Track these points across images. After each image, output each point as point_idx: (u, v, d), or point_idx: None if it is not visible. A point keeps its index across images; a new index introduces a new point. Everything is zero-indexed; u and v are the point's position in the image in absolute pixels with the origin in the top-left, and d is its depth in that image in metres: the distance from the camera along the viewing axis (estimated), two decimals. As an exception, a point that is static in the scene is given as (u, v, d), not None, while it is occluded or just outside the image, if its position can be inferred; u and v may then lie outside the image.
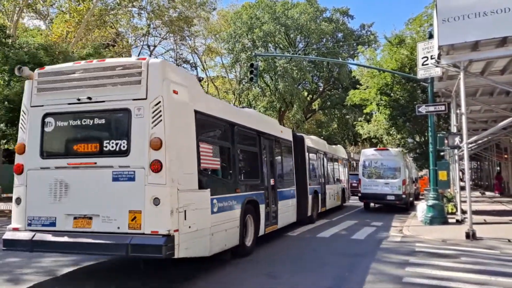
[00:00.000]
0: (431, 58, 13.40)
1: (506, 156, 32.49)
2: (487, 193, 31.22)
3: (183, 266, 7.29)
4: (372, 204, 20.19)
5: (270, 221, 10.16)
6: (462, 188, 15.61)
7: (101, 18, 29.73)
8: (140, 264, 7.32)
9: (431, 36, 13.97)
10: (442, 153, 17.63)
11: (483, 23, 9.77)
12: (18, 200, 6.59)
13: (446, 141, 13.31)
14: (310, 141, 15.58)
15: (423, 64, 14.05)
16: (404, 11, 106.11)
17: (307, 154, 14.45)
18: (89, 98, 6.39)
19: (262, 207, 9.52)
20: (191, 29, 36.25)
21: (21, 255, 8.10)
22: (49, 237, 6.24)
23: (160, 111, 6.05)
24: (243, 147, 9.27)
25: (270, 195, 10.30)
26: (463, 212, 13.32)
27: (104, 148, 6.30)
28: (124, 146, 6.17)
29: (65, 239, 6.15)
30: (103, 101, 6.36)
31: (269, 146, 10.82)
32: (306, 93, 46.11)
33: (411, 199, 21.03)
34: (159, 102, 6.07)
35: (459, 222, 13.30)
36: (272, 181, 10.57)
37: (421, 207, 14.29)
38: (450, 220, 13.62)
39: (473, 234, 10.42)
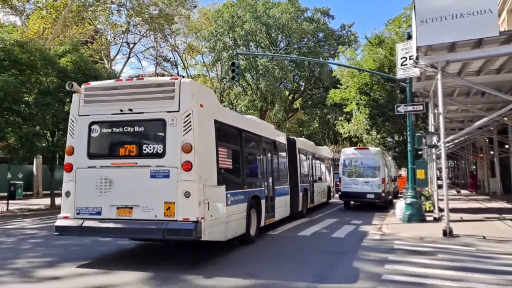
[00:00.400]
0: (410, 59, 13.59)
1: (481, 155, 33.27)
2: (463, 191, 31.93)
3: (199, 251, 8.86)
4: (352, 202, 20.39)
5: (269, 214, 11.58)
6: (440, 187, 15.92)
7: (79, 14, 29.19)
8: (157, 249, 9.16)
9: (409, 37, 14.15)
10: (420, 152, 17.95)
11: (460, 24, 9.93)
12: (68, 194, 7.94)
13: (424, 140, 13.56)
14: (301, 143, 16.96)
15: (402, 65, 14.24)
16: (384, 12, 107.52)
17: (298, 155, 15.83)
18: (130, 109, 7.83)
19: (263, 202, 10.92)
20: (171, 27, 35.91)
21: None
22: (96, 224, 7.57)
23: (190, 121, 7.45)
24: (249, 149, 10.82)
25: (269, 192, 11.76)
26: (440, 210, 13.57)
27: (143, 151, 7.71)
28: (160, 149, 7.55)
29: (110, 225, 7.50)
30: (142, 112, 7.76)
31: (268, 148, 12.35)
32: (287, 92, 46.27)
33: (390, 197, 21.34)
34: (189, 114, 7.47)
35: (436, 219, 13.55)
36: (270, 180, 12.06)
37: (400, 205, 14.50)
38: (427, 218, 13.87)
39: (450, 232, 10.63)
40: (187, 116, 7.46)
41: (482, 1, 9.80)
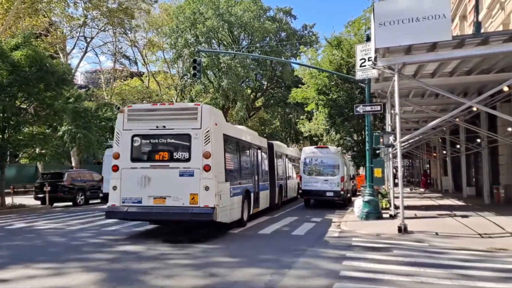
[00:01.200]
0: (369, 60, 13.91)
1: (435, 154, 34.71)
2: (416, 189, 33.15)
3: (202, 232, 11.55)
4: (312, 200, 20.69)
5: (255, 205, 14.36)
6: (396, 185, 16.44)
7: (32, 6, 27.92)
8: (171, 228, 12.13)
9: (368, 39, 14.47)
10: (378, 151, 18.42)
11: (416, 28, 10.26)
12: (115, 188, 10.51)
13: (381, 140, 13.95)
14: (277, 146, 19.66)
15: (361, 66, 14.56)
16: (345, 13, 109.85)
17: (275, 156, 18.68)
18: (164, 126, 10.54)
19: (252, 195, 13.80)
20: (131, 22, 35.02)
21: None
22: (138, 210, 10.30)
23: (209, 136, 10.23)
24: (242, 154, 13.58)
25: (256, 187, 14.59)
26: (396, 207, 14.00)
27: (174, 157, 10.46)
28: (187, 156, 10.30)
29: (148, 210, 10.29)
30: (173, 129, 10.52)
31: (254, 152, 15.19)
32: (249, 91, 46.29)
33: (349, 195, 21.84)
34: (208, 130, 10.26)
35: (392, 217, 13.98)
36: (256, 177, 14.82)
37: (358, 203, 14.85)
38: (384, 215, 14.28)
39: (404, 228, 11.00)
40: (207, 132, 10.25)
41: (436, 7, 10.17)
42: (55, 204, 20.87)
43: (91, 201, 22.54)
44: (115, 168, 10.60)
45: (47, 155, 21.04)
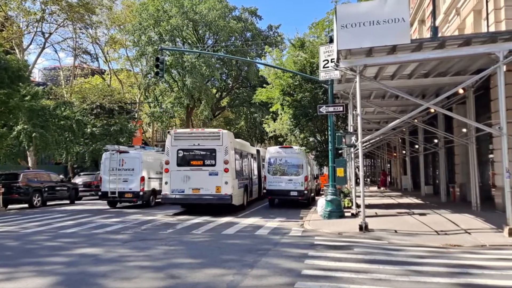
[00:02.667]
0: (331, 62, 14.13)
1: (395, 154, 35.75)
2: (378, 188, 33.99)
3: (217, 213, 16.17)
4: (276, 200, 20.79)
5: (250, 195, 20.16)
6: (358, 184, 16.77)
7: (-14, -2, 26.54)
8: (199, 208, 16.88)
9: (331, 41, 14.69)
10: (340, 151, 18.74)
11: (376, 31, 10.52)
12: (166, 183, 16.23)
13: (343, 140, 14.18)
14: (261, 151, 25.21)
15: (324, 67, 14.75)
16: (309, 15, 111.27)
17: (261, 159, 24.04)
18: (198, 144, 16.23)
19: (248, 188, 19.57)
20: (92, 17, 33.97)
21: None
22: (182, 196, 16.10)
23: (227, 150, 16.06)
24: (243, 160, 19.50)
25: (250, 183, 20.40)
26: (358, 206, 14.30)
27: (205, 163, 16.11)
28: (213, 163, 15.98)
29: (188, 198, 16.15)
30: (204, 146, 16.20)
31: (249, 158, 21.04)
32: (215, 90, 46.03)
33: (312, 194, 22.10)
34: (227, 146, 16.07)
35: (354, 215, 14.26)
36: (251, 175, 20.77)
37: (321, 202, 15.05)
38: (346, 214, 14.53)
39: (365, 227, 11.24)
40: (226, 147, 16.14)
41: (396, 10, 10.46)
42: (9, 206, 19.96)
43: (49, 203, 21.74)
44: (167, 170, 16.39)
45: (1, 155, 20.08)
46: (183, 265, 7.54)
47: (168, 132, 17.34)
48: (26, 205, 20.18)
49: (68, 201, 22.67)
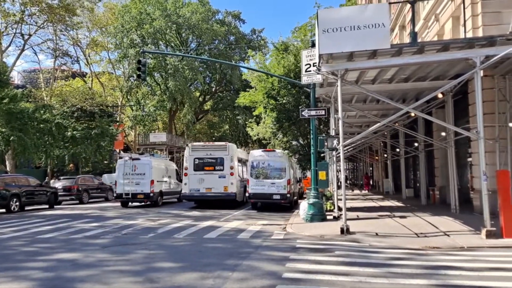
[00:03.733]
0: (313, 66, 14.26)
1: (377, 157, 36.12)
2: (361, 192, 34.32)
3: (224, 207, 20.49)
4: (259, 203, 20.78)
5: (245, 194, 22.53)
6: (339, 187, 16.88)
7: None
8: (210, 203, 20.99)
9: (313, 45, 14.81)
10: (323, 155, 18.86)
11: (357, 35, 10.64)
12: (185, 184, 21.19)
13: (325, 143, 14.29)
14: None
15: (306, 71, 14.88)
16: (292, 19, 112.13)
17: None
18: (210, 154, 21.33)
19: (245, 188, 21.41)
20: (73, 19, 33.50)
21: None
22: (198, 194, 21.07)
23: (232, 158, 21.26)
24: (243, 165, 22.99)
25: (247, 184, 21.42)
26: (340, 209, 14.37)
27: (215, 168, 21.05)
28: (222, 168, 20.96)
29: (203, 195, 21.03)
30: (215, 155, 21.26)
31: (247, 164, 21.86)
32: (198, 94, 45.91)
33: (295, 198, 22.18)
34: (232, 155, 21.32)
35: (336, 218, 14.35)
36: (246, 178, 22.16)
37: (303, 205, 15.08)
38: (328, 217, 14.62)
39: (347, 229, 11.31)
40: (231, 156, 21.00)
41: (376, 16, 10.61)
42: (-14, 211, 19.47)
43: (27, 207, 21.28)
44: (186, 174, 21.27)
45: (-23, 159, 19.57)
46: (163, 269, 7.46)
47: (187, 145, 23.39)
48: (3, 210, 19.72)
49: (47, 206, 22.24)
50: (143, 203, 22.94)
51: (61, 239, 11.18)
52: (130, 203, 22.87)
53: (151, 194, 22.04)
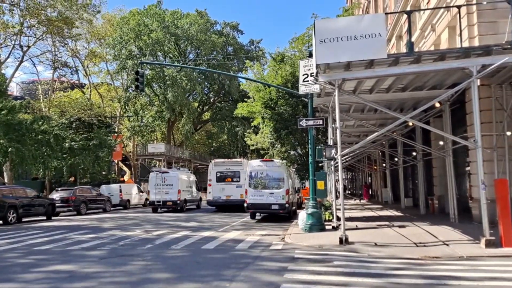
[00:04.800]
0: (311, 76, 14.29)
1: (375, 167, 36.09)
2: (360, 201, 34.22)
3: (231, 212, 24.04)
4: (257, 213, 20.70)
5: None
6: (338, 197, 16.83)
7: (-38, 11, 26.10)
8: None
9: (311, 55, 14.85)
10: (321, 164, 18.82)
11: (354, 46, 10.70)
12: (209, 192, 26.53)
13: (324, 153, 14.25)
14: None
15: (304, 81, 14.90)
16: (290, 29, 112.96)
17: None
18: (229, 168, 27.04)
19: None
20: (72, 31, 33.67)
21: None
22: (220, 201, 26.43)
23: (246, 172, 21.93)
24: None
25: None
26: (339, 219, 14.30)
27: (233, 180, 26.55)
28: (238, 180, 26.26)
29: (224, 201, 26.35)
30: (233, 169, 26.91)
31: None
32: (196, 104, 45.98)
33: (294, 208, 22.09)
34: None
35: (334, 228, 14.26)
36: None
37: (302, 215, 15.01)
38: (327, 227, 14.53)
39: (346, 239, 11.25)
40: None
41: (372, 26, 10.69)
42: (-17, 223, 19.33)
43: (24, 219, 21.15)
44: (210, 185, 26.08)
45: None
46: (160, 280, 7.38)
47: (210, 161, 29.53)
48: (0, 222, 19.59)
49: (44, 217, 22.11)
50: (170, 209, 26.97)
51: (57, 251, 11.09)
52: (159, 209, 27.20)
53: (178, 202, 26.60)
